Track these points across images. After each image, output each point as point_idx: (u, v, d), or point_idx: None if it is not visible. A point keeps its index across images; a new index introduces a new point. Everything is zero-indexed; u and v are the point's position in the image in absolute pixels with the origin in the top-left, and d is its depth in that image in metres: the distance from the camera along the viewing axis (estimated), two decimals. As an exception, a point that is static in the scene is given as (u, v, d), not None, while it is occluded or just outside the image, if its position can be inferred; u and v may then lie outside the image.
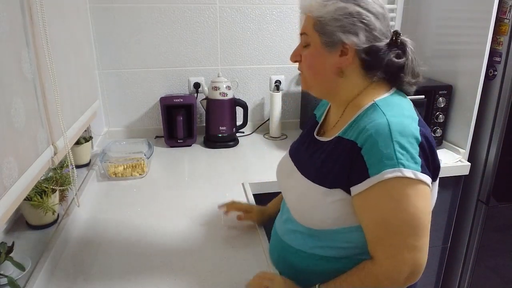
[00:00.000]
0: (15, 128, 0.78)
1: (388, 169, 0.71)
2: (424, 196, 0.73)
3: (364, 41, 0.77)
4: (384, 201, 0.73)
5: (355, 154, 0.75)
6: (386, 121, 0.73)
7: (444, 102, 1.68)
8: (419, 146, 0.73)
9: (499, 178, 1.62)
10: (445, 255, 1.85)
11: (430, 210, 0.75)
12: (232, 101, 1.79)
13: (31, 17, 0.88)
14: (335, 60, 0.80)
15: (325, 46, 0.80)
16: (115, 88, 1.83)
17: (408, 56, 0.81)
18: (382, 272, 0.76)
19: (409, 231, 0.72)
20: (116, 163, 1.45)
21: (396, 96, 0.82)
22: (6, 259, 0.88)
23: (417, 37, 1.94)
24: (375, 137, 0.73)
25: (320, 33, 0.80)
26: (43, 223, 1.12)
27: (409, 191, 0.71)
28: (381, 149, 0.72)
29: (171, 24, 1.79)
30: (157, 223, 1.18)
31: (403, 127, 0.73)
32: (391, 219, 0.73)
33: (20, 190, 0.79)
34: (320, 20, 0.79)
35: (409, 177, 0.71)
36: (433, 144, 0.77)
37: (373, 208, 0.75)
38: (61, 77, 1.08)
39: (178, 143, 1.79)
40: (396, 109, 0.77)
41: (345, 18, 0.77)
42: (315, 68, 0.84)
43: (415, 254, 0.73)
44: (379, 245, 0.76)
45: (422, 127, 0.76)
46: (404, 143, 0.72)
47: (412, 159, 0.71)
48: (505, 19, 1.46)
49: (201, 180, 1.48)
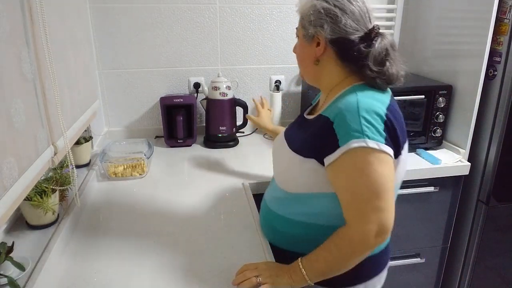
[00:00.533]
0: (15, 128, 0.78)
1: (355, 139, 0.80)
2: (386, 163, 0.82)
3: (329, 32, 0.88)
4: (350, 168, 0.82)
5: (327, 128, 0.85)
6: (356, 100, 0.84)
7: (444, 102, 1.68)
8: (384, 123, 0.82)
9: (499, 178, 1.62)
10: (445, 255, 1.85)
11: (392, 177, 0.84)
12: (232, 101, 1.79)
13: (31, 17, 0.88)
14: (313, 50, 0.94)
15: (305, 38, 0.95)
16: (115, 88, 1.84)
17: (374, 46, 0.87)
18: (353, 233, 0.83)
19: (373, 194, 0.81)
20: (116, 163, 1.45)
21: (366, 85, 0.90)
22: (6, 259, 0.88)
23: (417, 37, 1.94)
24: (344, 113, 0.83)
25: (302, 27, 0.95)
26: (43, 223, 1.12)
27: (372, 159, 0.80)
28: (349, 123, 0.81)
29: (171, 24, 1.79)
30: (157, 223, 1.18)
31: (369, 105, 0.83)
32: (356, 184, 0.82)
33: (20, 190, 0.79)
34: (302, 17, 0.95)
35: (373, 147, 0.80)
36: (397, 128, 0.85)
37: (342, 176, 0.84)
38: (61, 77, 1.08)
39: (178, 143, 1.79)
40: (368, 93, 0.87)
41: (314, 13, 0.90)
42: (300, 57, 1.00)
43: (381, 215, 0.81)
44: (349, 209, 0.85)
45: (390, 113, 0.85)
46: (370, 119, 0.81)
47: (377, 132, 0.81)
48: (505, 19, 1.46)
49: (201, 180, 1.48)
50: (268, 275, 0.90)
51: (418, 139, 1.74)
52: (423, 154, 1.71)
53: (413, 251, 1.80)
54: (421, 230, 1.76)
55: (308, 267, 0.88)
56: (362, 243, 0.82)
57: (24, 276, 0.90)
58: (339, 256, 0.85)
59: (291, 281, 0.89)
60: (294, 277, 0.89)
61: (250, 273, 0.89)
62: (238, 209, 1.26)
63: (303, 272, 0.88)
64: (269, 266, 0.92)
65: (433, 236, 1.79)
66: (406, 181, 1.63)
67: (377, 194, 0.80)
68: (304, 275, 0.88)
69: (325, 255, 0.87)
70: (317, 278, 0.89)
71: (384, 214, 0.81)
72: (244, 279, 0.89)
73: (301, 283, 0.89)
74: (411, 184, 1.63)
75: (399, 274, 1.82)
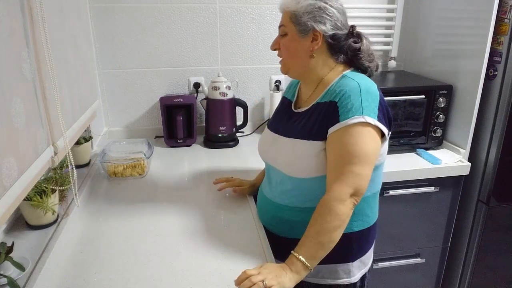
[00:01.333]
0: (15, 128, 0.78)
1: (356, 116, 0.92)
2: (375, 139, 0.95)
3: (329, 29, 1.00)
4: (345, 138, 0.93)
5: (332, 109, 0.97)
6: (357, 83, 0.96)
7: (444, 102, 1.68)
8: (379, 103, 0.96)
9: (499, 178, 1.62)
10: (445, 255, 1.85)
11: (377, 153, 0.97)
12: (232, 101, 1.79)
13: (31, 17, 0.88)
14: (308, 45, 1.01)
15: (299, 33, 1.01)
16: (115, 88, 1.83)
17: (363, 42, 1.04)
18: (331, 195, 0.92)
19: (357, 162, 0.92)
20: (116, 163, 1.45)
21: (357, 72, 1.04)
22: (6, 259, 0.88)
23: (417, 37, 1.94)
24: (348, 93, 0.95)
25: (295, 24, 1.01)
26: (43, 223, 1.12)
27: (366, 132, 0.93)
28: (352, 101, 0.94)
29: (171, 24, 1.79)
30: (157, 223, 1.18)
31: (368, 87, 0.96)
32: (346, 151, 0.93)
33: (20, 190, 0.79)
34: (295, 14, 1.00)
35: (369, 123, 0.93)
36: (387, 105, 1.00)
37: (336, 144, 0.95)
38: (61, 77, 1.08)
39: (178, 143, 1.79)
40: (361, 77, 1.00)
41: (315, 10, 0.98)
42: (292, 52, 1.04)
43: (358, 180, 0.92)
44: (332, 172, 0.95)
45: (380, 93, 0.99)
46: (368, 99, 0.94)
47: (373, 111, 0.94)
48: (505, 19, 1.46)
49: (201, 180, 1.48)
50: (272, 277, 0.89)
51: (418, 139, 1.74)
52: (423, 154, 1.71)
53: (413, 251, 1.80)
54: (421, 230, 1.76)
55: (303, 252, 0.92)
56: (340, 202, 0.91)
57: (24, 276, 0.90)
58: (325, 223, 0.91)
59: (293, 274, 0.91)
60: (295, 269, 0.91)
61: (255, 278, 0.88)
62: (238, 209, 1.26)
63: (301, 259, 0.91)
64: (270, 268, 0.92)
65: (433, 236, 1.79)
66: (406, 181, 1.63)
67: (359, 160, 0.92)
68: (303, 262, 0.91)
69: (314, 230, 0.93)
70: (316, 259, 0.93)
71: (361, 180, 0.92)
72: (250, 284, 0.87)
73: (303, 272, 0.92)
74: (411, 184, 1.63)
75: (399, 274, 1.82)
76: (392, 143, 1.73)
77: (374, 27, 1.99)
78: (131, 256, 1.02)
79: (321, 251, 0.92)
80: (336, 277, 1.08)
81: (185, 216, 1.22)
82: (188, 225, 1.17)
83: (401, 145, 1.74)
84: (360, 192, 0.93)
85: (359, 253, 1.09)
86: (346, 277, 1.08)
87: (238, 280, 0.90)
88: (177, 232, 1.13)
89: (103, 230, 1.14)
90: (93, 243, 1.08)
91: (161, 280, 0.94)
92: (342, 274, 1.08)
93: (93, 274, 0.95)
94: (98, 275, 0.95)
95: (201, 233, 1.13)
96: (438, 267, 1.87)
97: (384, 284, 1.83)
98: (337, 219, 0.91)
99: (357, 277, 1.10)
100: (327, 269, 1.07)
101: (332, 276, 1.08)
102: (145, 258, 1.01)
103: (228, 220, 1.20)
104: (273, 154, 1.12)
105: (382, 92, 1.01)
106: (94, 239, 1.10)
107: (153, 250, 1.05)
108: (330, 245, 0.93)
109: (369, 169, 0.94)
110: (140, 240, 1.09)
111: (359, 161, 0.91)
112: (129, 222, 1.19)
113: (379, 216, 1.15)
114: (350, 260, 1.07)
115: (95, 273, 0.96)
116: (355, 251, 1.08)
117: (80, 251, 1.05)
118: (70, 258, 1.02)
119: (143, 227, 1.16)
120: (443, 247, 1.83)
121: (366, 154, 0.92)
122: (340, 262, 1.06)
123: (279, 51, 1.08)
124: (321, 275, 1.08)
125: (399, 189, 1.63)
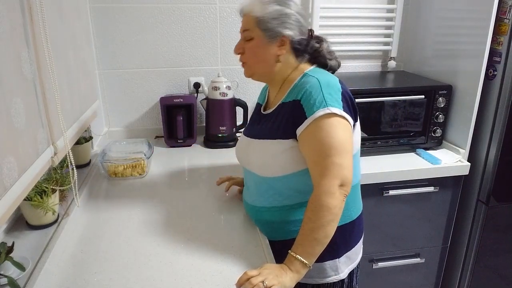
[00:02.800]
0: (15, 128, 0.78)
1: (320, 109, 0.94)
2: (346, 128, 0.96)
3: (297, 34, 1.03)
4: (317, 132, 0.95)
5: (296, 107, 0.99)
6: (316, 79, 0.99)
7: (444, 102, 1.68)
8: (341, 94, 0.98)
9: (499, 178, 1.62)
10: (445, 255, 1.85)
11: (351, 141, 0.98)
12: (232, 101, 1.79)
13: (31, 17, 0.88)
14: (275, 50, 1.04)
15: (267, 39, 1.02)
16: (115, 88, 1.84)
17: (323, 43, 1.09)
18: (320, 191, 0.93)
19: (335, 152, 0.93)
20: (116, 163, 1.45)
21: (319, 68, 1.08)
22: (6, 259, 0.88)
23: (417, 37, 1.94)
24: (309, 89, 0.98)
25: (262, 29, 1.02)
26: (43, 223, 1.12)
27: (335, 123, 0.95)
28: (314, 96, 0.96)
29: (171, 24, 1.79)
30: (157, 223, 1.18)
31: (328, 81, 0.99)
32: (322, 144, 0.94)
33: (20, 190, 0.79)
34: (262, 19, 1.01)
35: (335, 113, 0.94)
36: (351, 96, 1.02)
37: (310, 140, 0.96)
38: (61, 77, 1.08)
39: (178, 143, 1.79)
40: (322, 73, 1.03)
41: (282, 17, 1.01)
42: (259, 57, 1.06)
43: (341, 170, 0.93)
44: (316, 168, 0.96)
45: (342, 85, 1.02)
46: (330, 91, 0.97)
47: (336, 102, 0.96)
48: (505, 19, 1.46)
49: (201, 180, 1.48)
50: (273, 277, 0.89)
51: (418, 139, 1.74)
52: (423, 154, 1.71)
53: (413, 251, 1.80)
54: (421, 230, 1.76)
55: (300, 250, 0.92)
56: (330, 195, 0.91)
57: (24, 276, 0.90)
58: (319, 220, 0.91)
59: (293, 274, 0.91)
60: (294, 268, 0.91)
61: (255, 279, 0.88)
62: (238, 209, 1.26)
63: (299, 258, 0.91)
64: (270, 269, 0.92)
65: (433, 236, 1.79)
66: (406, 181, 1.63)
67: (336, 151, 0.93)
68: (301, 260, 0.91)
69: (308, 227, 0.93)
70: (314, 256, 0.93)
71: (344, 170, 0.93)
72: (251, 286, 0.87)
73: (302, 270, 0.92)
74: (411, 184, 1.64)
75: (399, 274, 1.82)
76: (392, 143, 1.73)
77: (374, 27, 2.00)
78: (131, 256, 1.02)
79: (318, 247, 0.93)
80: (324, 275, 1.08)
81: (185, 216, 1.22)
82: (188, 225, 1.17)
83: (401, 145, 1.74)
84: (347, 181, 0.93)
85: (345, 248, 1.10)
86: (334, 274, 1.09)
87: (239, 281, 0.90)
88: (177, 232, 1.13)
89: (103, 230, 1.14)
90: (93, 243, 1.08)
91: (161, 280, 0.94)
92: (330, 272, 1.08)
93: (93, 274, 0.96)
94: (98, 275, 0.95)
95: (201, 233, 1.13)
96: (438, 267, 1.87)
97: (384, 284, 1.84)
98: (329, 213, 0.91)
99: (345, 273, 1.10)
100: (314, 267, 1.04)
101: (320, 274, 1.08)
102: (145, 258, 1.02)
103: (228, 220, 1.20)
104: (247, 157, 1.14)
105: (382, 92, 1.02)
106: (94, 239, 1.10)
107: (153, 250, 1.05)
108: (326, 240, 0.93)
109: (349, 158, 0.95)
110: (140, 240, 1.10)
111: (336, 152, 0.93)
112: (129, 222, 1.19)
113: (379, 216, 1.15)
114: (336, 256, 1.08)
115: (95, 273, 0.96)
116: (340, 246, 1.08)
117: (80, 251, 1.05)
118: (70, 258, 1.02)
119: (143, 227, 1.16)
120: (442, 247, 1.83)
121: (341, 144, 0.94)
122: (327, 259, 1.07)
123: (242, 55, 1.09)
124: (309, 274, 1.05)
125: (399, 189, 1.63)
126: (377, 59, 2.08)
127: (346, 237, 1.10)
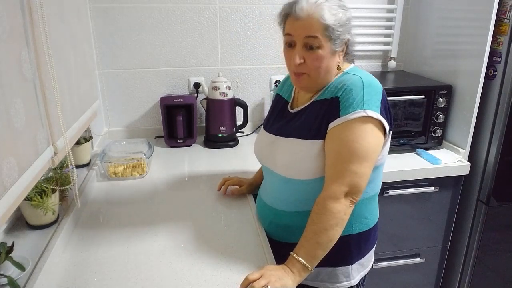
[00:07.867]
0: (15, 128, 0.78)
1: (356, 110, 0.90)
2: (378, 136, 0.93)
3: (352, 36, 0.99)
4: (346, 133, 0.91)
5: (334, 105, 0.94)
6: (359, 77, 0.95)
7: (444, 102, 1.68)
8: (381, 97, 0.94)
9: (499, 178, 1.62)
10: (445, 255, 1.85)
11: (378, 151, 0.94)
12: (232, 101, 1.79)
13: (31, 17, 0.88)
14: (339, 58, 0.98)
15: (334, 47, 0.95)
16: (115, 88, 1.84)
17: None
18: (325, 194, 0.92)
19: (356, 159, 0.90)
20: (116, 163, 1.45)
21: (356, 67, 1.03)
22: (6, 259, 0.88)
23: (417, 37, 1.94)
24: (350, 87, 0.93)
25: (332, 38, 0.93)
26: (43, 223, 1.12)
27: (368, 128, 0.91)
28: (354, 96, 0.92)
29: (171, 24, 1.79)
30: (157, 223, 1.18)
31: (370, 82, 0.95)
32: (346, 148, 0.91)
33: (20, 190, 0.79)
34: (332, 27, 0.91)
35: (371, 116, 0.90)
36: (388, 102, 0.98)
37: (335, 139, 0.93)
38: (61, 77, 1.08)
39: (178, 143, 1.79)
40: (363, 72, 0.99)
41: (347, 23, 0.95)
42: (325, 68, 0.96)
43: (354, 178, 0.90)
44: (330, 169, 0.93)
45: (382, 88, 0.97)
46: (371, 92, 0.92)
47: (374, 105, 0.92)
48: (505, 19, 1.46)
49: (201, 180, 1.48)
50: (275, 280, 0.88)
51: (418, 139, 1.74)
52: (423, 154, 1.71)
53: (413, 251, 1.80)
54: (421, 230, 1.76)
55: (302, 253, 0.92)
56: (335, 200, 0.90)
57: (24, 276, 0.90)
58: (321, 223, 0.91)
59: (294, 276, 0.90)
60: (296, 270, 0.91)
61: (258, 283, 0.87)
62: (238, 209, 1.26)
63: (301, 260, 0.91)
64: (272, 271, 0.91)
65: (433, 236, 1.79)
66: (406, 181, 1.63)
67: (358, 158, 0.90)
68: (303, 263, 0.90)
69: (311, 230, 0.92)
70: (315, 259, 0.92)
71: (358, 179, 0.90)
72: None
73: (303, 273, 0.91)
74: (411, 184, 1.64)
75: (399, 274, 1.82)
76: (392, 143, 1.73)
77: (374, 27, 1.99)
78: (131, 256, 1.02)
79: (320, 250, 0.92)
80: (336, 281, 1.06)
81: (185, 216, 1.22)
82: (188, 224, 1.17)
83: (401, 145, 1.74)
84: (357, 190, 0.91)
85: (358, 256, 1.08)
86: (345, 280, 1.07)
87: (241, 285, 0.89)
88: (177, 232, 1.13)
89: (103, 230, 1.14)
90: (93, 243, 1.08)
91: (161, 280, 0.94)
92: (341, 278, 1.06)
93: (93, 274, 0.96)
94: (98, 275, 0.95)
95: (201, 233, 1.13)
96: (438, 267, 1.87)
97: (384, 284, 1.83)
98: (332, 217, 0.90)
99: (356, 280, 1.09)
100: (326, 272, 1.05)
101: (331, 279, 1.06)
102: (145, 258, 1.02)
103: (228, 220, 1.20)
104: (271, 155, 1.08)
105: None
106: (94, 240, 1.10)
107: (153, 250, 1.05)
108: (329, 244, 0.92)
109: (369, 167, 0.92)
110: (140, 240, 1.10)
111: (357, 159, 0.90)
112: (129, 222, 1.19)
113: (379, 215, 1.15)
114: (349, 263, 1.06)
115: (95, 273, 0.96)
116: (354, 253, 1.06)
117: (80, 251, 1.05)
118: (70, 258, 1.02)
119: (143, 227, 1.16)
120: (443, 247, 1.83)
121: (366, 152, 0.90)
122: (339, 265, 1.05)
123: (301, 65, 0.95)
124: (321, 278, 1.06)
125: (399, 189, 1.63)
126: (377, 59, 2.08)
127: (361, 245, 1.08)
